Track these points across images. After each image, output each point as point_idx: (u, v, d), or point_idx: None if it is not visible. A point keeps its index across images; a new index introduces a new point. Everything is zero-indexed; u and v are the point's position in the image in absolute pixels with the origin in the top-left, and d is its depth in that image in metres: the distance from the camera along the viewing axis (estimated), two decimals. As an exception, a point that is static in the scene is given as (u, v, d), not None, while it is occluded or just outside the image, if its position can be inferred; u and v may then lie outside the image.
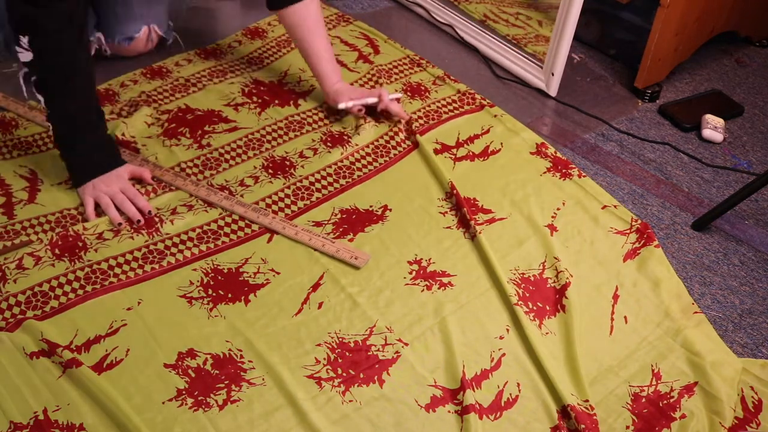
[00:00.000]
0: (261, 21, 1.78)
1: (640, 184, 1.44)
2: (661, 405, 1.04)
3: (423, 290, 1.17)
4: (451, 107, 1.55)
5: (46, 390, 0.99)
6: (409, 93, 1.58)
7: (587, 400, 1.02)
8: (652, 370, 1.09)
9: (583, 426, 0.98)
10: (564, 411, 1.02)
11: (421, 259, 1.22)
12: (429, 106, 1.55)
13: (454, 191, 1.32)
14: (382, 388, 1.03)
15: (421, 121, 1.50)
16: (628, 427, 1.02)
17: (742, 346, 1.15)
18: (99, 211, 1.24)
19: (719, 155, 1.55)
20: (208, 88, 1.55)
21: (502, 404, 1.02)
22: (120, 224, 1.21)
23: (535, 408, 1.03)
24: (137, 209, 1.23)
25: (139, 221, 1.22)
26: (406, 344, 1.08)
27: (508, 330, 1.12)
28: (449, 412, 1.00)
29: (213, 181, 1.33)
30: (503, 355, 1.08)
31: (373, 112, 1.49)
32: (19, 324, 1.06)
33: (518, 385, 1.05)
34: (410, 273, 1.19)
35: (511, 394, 1.04)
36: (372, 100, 1.45)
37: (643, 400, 1.05)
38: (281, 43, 1.71)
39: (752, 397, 1.07)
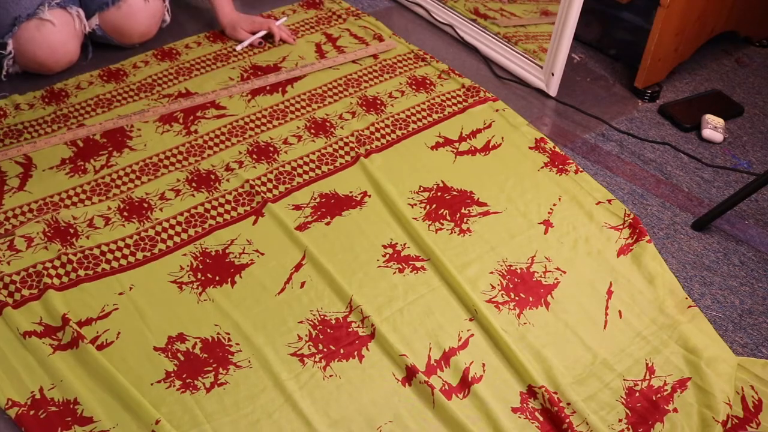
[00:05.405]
0: (276, 9, 1.83)
1: (640, 184, 1.44)
2: (654, 399, 1.04)
3: (395, 273, 1.19)
4: (455, 101, 1.57)
5: (40, 369, 1.01)
6: (414, 86, 1.60)
7: (556, 392, 1.04)
8: (646, 365, 1.09)
9: (556, 408, 1.00)
10: (530, 391, 1.04)
11: (396, 243, 1.24)
12: (434, 99, 1.56)
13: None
14: (362, 363, 1.06)
15: (425, 113, 1.53)
16: (621, 420, 1.02)
17: (742, 346, 1.14)
18: None
19: (719, 155, 1.54)
20: (209, 74, 1.60)
21: (469, 380, 1.05)
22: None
23: (498, 387, 1.05)
24: None
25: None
26: (379, 324, 1.10)
27: (476, 312, 1.13)
28: (420, 382, 1.03)
29: (199, 166, 1.37)
30: (471, 335, 1.11)
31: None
32: (20, 305, 1.08)
33: (483, 365, 1.07)
34: (383, 256, 1.21)
35: (476, 374, 1.06)
36: (262, 33, 1.70)
37: (637, 394, 1.05)
38: (292, 30, 1.75)
39: (752, 396, 1.07)
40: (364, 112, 1.51)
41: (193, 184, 1.32)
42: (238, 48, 1.67)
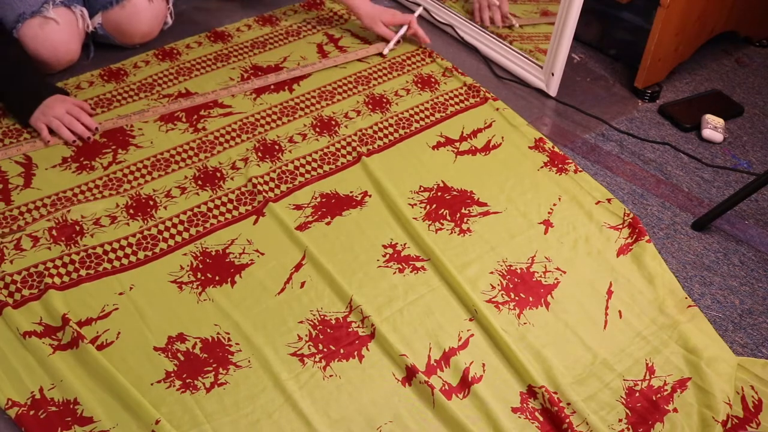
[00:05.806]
0: (276, 9, 1.82)
1: (640, 184, 1.44)
2: (654, 399, 1.04)
3: (395, 273, 1.19)
4: (457, 100, 1.57)
5: (40, 369, 1.01)
6: (419, 85, 1.60)
7: (556, 392, 1.04)
8: (646, 365, 1.09)
9: (555, 408, 1.00)
10: (530, 391, 1.04)
11: (396, 243, 1.24)
12: (437, 98, 1.57)
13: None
14: (362, 363, 1.06)
15: (428, 112, 1.53)
16: (621, 420, 1.02)
17: (742, 346, 1.14)
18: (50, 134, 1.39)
19: (719, 155, 1.54)
20: (209, 74, 1.59)
21: (469, 380, 1.05)
22: (74, 141, 1.38)
23: (498, 387, 1.05)
24: (85, 126, 1.40)
25: (89, 138, 1.39)
26: (379, 324, 1.10)
27: (476, 312, 1.13)
28: (420, 382, 1.03)
29: (208, 162, 1.37)
30: (471, 335, 1.11)
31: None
32: (20, 305, 1.08)
33: (483, 365, 1.07)
34: (384, 256, 1.21)
35: (476, 374, 1.06)
36: (404, 29, 1.70)
37: (637, 394, 1.05)
38: (291, 32, 1.74)
39: (752, 396, 1.06)
40: (369, 111, 1.51)
41: (199, 182, 1.32)
42: (385, 51, 1.67)
